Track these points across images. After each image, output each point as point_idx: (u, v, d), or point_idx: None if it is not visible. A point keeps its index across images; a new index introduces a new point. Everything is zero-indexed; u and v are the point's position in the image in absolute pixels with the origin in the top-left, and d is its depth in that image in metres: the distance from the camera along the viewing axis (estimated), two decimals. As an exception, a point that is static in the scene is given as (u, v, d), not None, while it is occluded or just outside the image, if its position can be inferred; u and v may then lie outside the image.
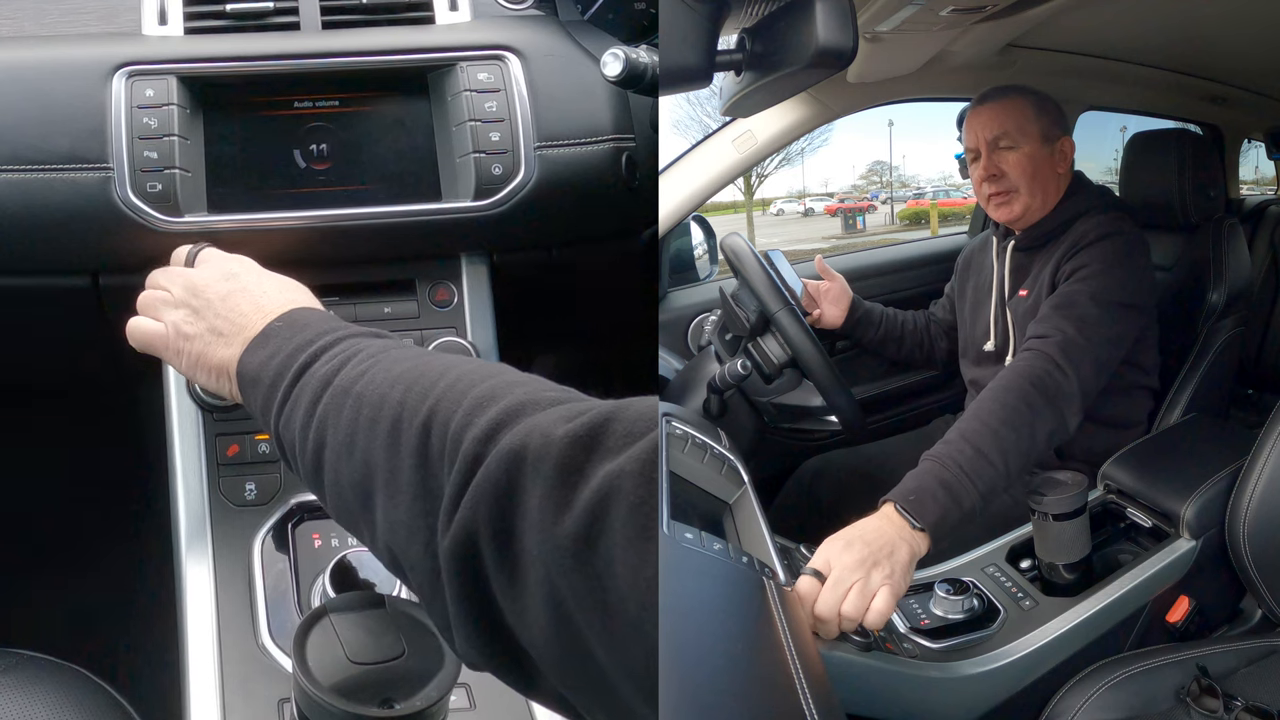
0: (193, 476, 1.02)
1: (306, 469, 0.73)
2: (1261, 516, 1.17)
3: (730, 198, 6.04)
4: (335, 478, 0.70)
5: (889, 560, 0.98)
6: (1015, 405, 1.14)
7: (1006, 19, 1.46)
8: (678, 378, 1.58)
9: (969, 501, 1.05)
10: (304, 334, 0.78)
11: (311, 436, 0.71)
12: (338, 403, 0.70)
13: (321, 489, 0.72)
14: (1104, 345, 1.26)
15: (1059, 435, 1.18)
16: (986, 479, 1.07)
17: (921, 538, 1.02)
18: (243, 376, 0.80)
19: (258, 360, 0.79)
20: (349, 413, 0.69)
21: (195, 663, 0.91)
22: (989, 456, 1.08)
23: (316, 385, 0.73)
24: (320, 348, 0.76)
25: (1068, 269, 1.34)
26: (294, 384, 0.75)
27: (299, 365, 0.75)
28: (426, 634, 0.75)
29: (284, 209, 1.06)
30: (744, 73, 0.79)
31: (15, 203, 1.00)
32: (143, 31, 1.11)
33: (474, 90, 1.09)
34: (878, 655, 1.02)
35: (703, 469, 1.07)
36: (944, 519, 1.03)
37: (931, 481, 1.05)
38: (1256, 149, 2.43)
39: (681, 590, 0.71)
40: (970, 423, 1.12)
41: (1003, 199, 1.43)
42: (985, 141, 1.43)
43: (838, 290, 1.63)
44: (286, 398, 0.75)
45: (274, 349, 0.79)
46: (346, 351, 0.75)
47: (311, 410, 0.72)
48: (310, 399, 0.73)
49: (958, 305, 1.64)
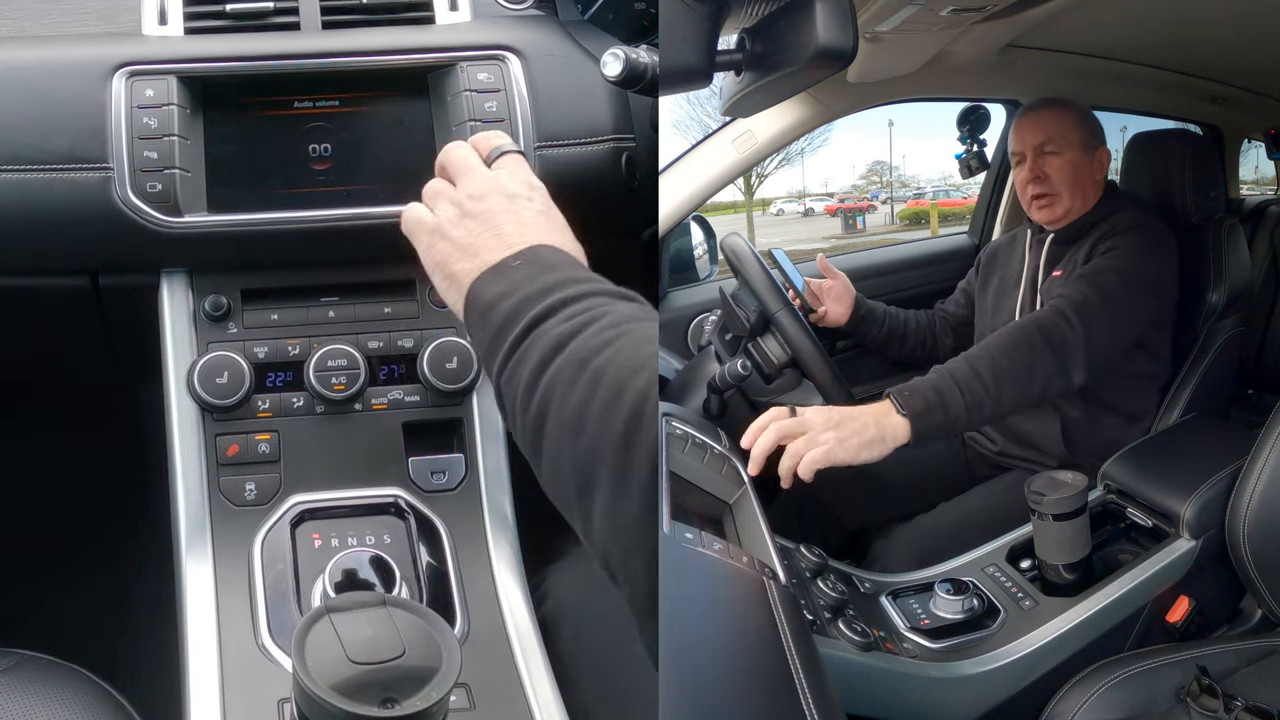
0: (193, 476, 1.02)
1: (525, 435, 0.68)
2: (1261, 516, 1.17)
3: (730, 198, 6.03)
4: (555, 454, 0.65)
5: (851, 430, 1.10)
6: (1018, 342, 1.25)
7: (1006, 19, 1.46)
8: (678, 378, 1.58)
9: (954, 409, 1.16)
10: (545, 278, 0.71)
11: (535, 402, 0.66)
12: (570, 374, 0.64)
13: (538, 460, 0.67)
14: (1120, 316, 1.33)
15: (1057, 384, 1.26)
16: (974, 393, 1.17)
17: (902, 423, 1.13)
18: (471, 307, 0.74)
19: (490, 294, 0.72)
20: (582, 390, 0.63)
21: (195, 663, 0.91)
22: (982, 376, 1.19)
23: (549, 345, 0.67)
24: (560, 300, 0.69)
25: (1101, 249, 1.41)
26: (524, 336, 0.69)
27: (533, 316, 0.69)
28: (426, 634, 0.75)
29: (284, 209, 1.06)
30: (744, 73, 0.79)
31: (15, 203, 1.00)
32: (143, 31, 1.11)
33: (474, 90, 1.09)
34: (878, 655, 1.02)
35: (703, 469, 1.07)
36: (927, 412, 1.14)
37: (926, 384, 1.18)
38: (1256, 149, 2.43)
39: (681, 590, 0.71)
40: (975, 350, 1.24)
41: (1045, 201, 1.51)
42: (1032, 147, 1.51)
43: (840, 288, 1.63)
44: (514, 349, 0.69)
45: (510, 286, 0.72)
46: (590, 312, 0.68)
47: (539, 372, 0.66)
48: (539, 359, 0.67)
49: (978, 298, 1.67)
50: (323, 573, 0.95)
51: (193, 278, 1.06)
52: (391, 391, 1.07)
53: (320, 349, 1.05)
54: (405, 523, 1.01)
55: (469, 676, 0.89)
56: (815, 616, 1.02)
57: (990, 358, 1.21)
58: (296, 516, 1.01)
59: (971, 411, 1.17)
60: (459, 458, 1.06)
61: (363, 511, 1.02)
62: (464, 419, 1.07)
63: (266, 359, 1.05)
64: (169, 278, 1.06)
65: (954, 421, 1.17)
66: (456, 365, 1.07)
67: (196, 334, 1.05)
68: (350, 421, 1.06)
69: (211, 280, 1.06)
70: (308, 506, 1.01)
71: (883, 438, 1.12)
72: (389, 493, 1.03)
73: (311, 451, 1.04)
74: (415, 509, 1.02)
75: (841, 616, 1.04)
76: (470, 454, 1.07)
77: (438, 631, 0.74)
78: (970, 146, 1.92)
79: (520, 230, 0.77)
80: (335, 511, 1.02)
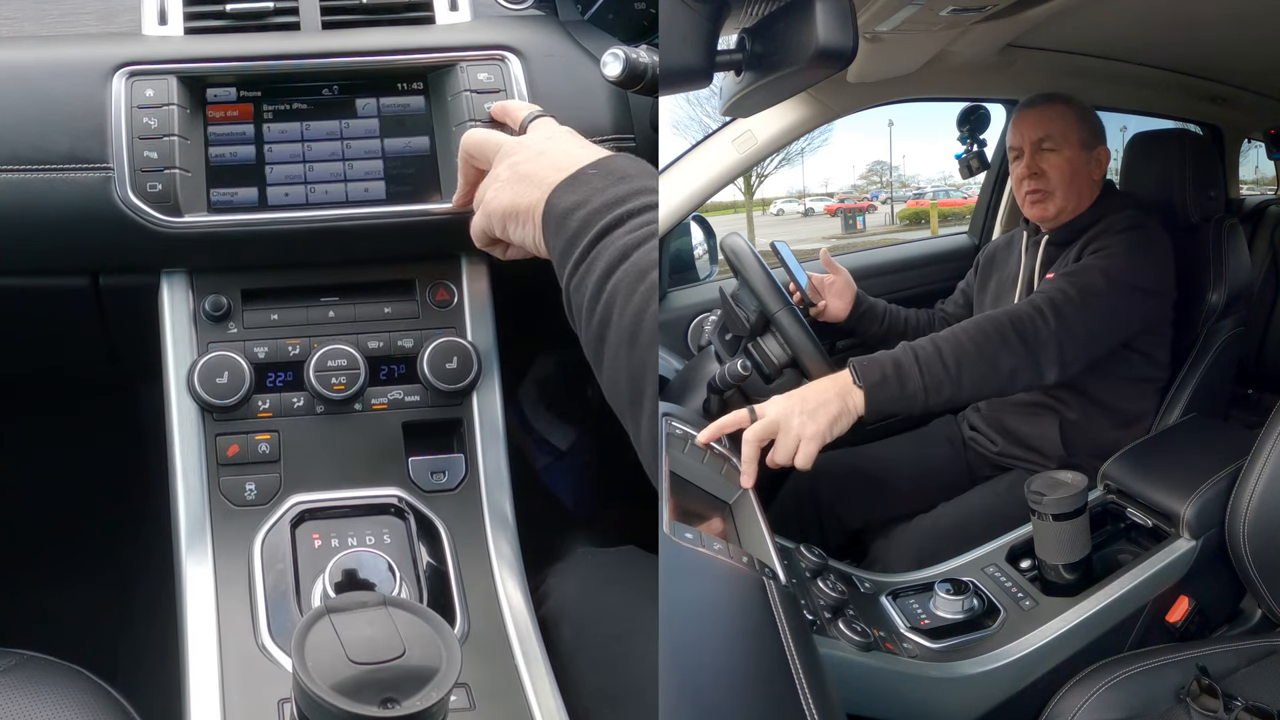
0: (193, 476, 1.02)
1: (589, 342, 0.71)
2: (1261, 516, 1.17)
3: (730, 198, 6.03)
4: (614, 363, 0.68)
5: (821, 408, 1.10)
6: (988, 331, 1.24)
7: (1006, 19, 1.46)
8: (678, 378, 1.58)
9: (912, 386, 1.15)
10: (618, 189, 0.74)
11: (599, 311, 0.69)
12: (630, 284, 0.67)
13: (600, 366, 0.71)
14: (1101, 317, 1.31)
15: (1025, 377, 1.25)
16: (934, 374, 1.17)
17: (859, 395, 1.13)
18: (549, 215, 0.77)
19: (566, 204, 0.76)
20: (640, 299, 0.66)
21: (195, 663, 0.91)
22: (945, 358, 1.18)
23: (615, 254, 0.69)
24: (630, 210, 0.72)
25: (1091, 249, 1.41)
26: (593, 245, 0.71)
27: (603, 225, 0.72)
28: (426, 634, 0.75)
29: (284, 209, 1.06)
30: (744, 73, 0.79)
31: (15, 203, 1.00)
32: (143, 31, 1.11)
33: (474, 90, 1.09)
34: (878, 655, 1.02)
35: (703, 469, 1.07)
36: (883, 385, 1.14)
37: (888, 358, 1.17)
38: (1256, 149, 2.43)
39: (681, 590, 0.71)
40: (944, 333, 1.23)
41: (1039, 197, 1.50)
42: (1030, 142, 1.50)
43: (842, 284, 1.64)
44: (584, 258, 0.71)
45: (584, 196, 0.75)
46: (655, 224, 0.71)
47: (603, 281, 0.69)
48: (605, 268, 0.69)
49: (977, 299, 1.67)
50: (323, 573, 0.95)
51: (193, 278, 1.06)
52: (391, 391, 1.07)
53: (320, 349, 1.05)
54: (405, 523, 1.01)
55: (469, 676, 0.89)
56: (815, 616, 1.02)
57: (957, 341, 1.20)
58: (296, 516, 1.01)
59: (930, 392, 1.16)
60: (459, 458, 1.06)
61: (363, 511, 1.02)
62: (464, 419, 1.07)
63: (266, 359, 1.05)
64: (169, 278, 1.06)
65: (910, 399, 1.16)
66: (456, 365, 1.07)
67: (196, 334, 1.05)
68: (350, 421, 1.06)
69: (211, 280, 1.06)
70: (308, 506, 1.01)
71: (847, 410, 1.12)
72: (389, 493, 1.03)
73: (311, 451, 1.04)
74: (415, 509, 1.02)
75: (841, 616, 1.04)
76: (470, 454, 1.07)
77: (438, 631, 0.74)
78: (970, 146, 1.92)
79: (583, 148, 0.83)
80: (335, 511, 1.01)
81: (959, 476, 1.61)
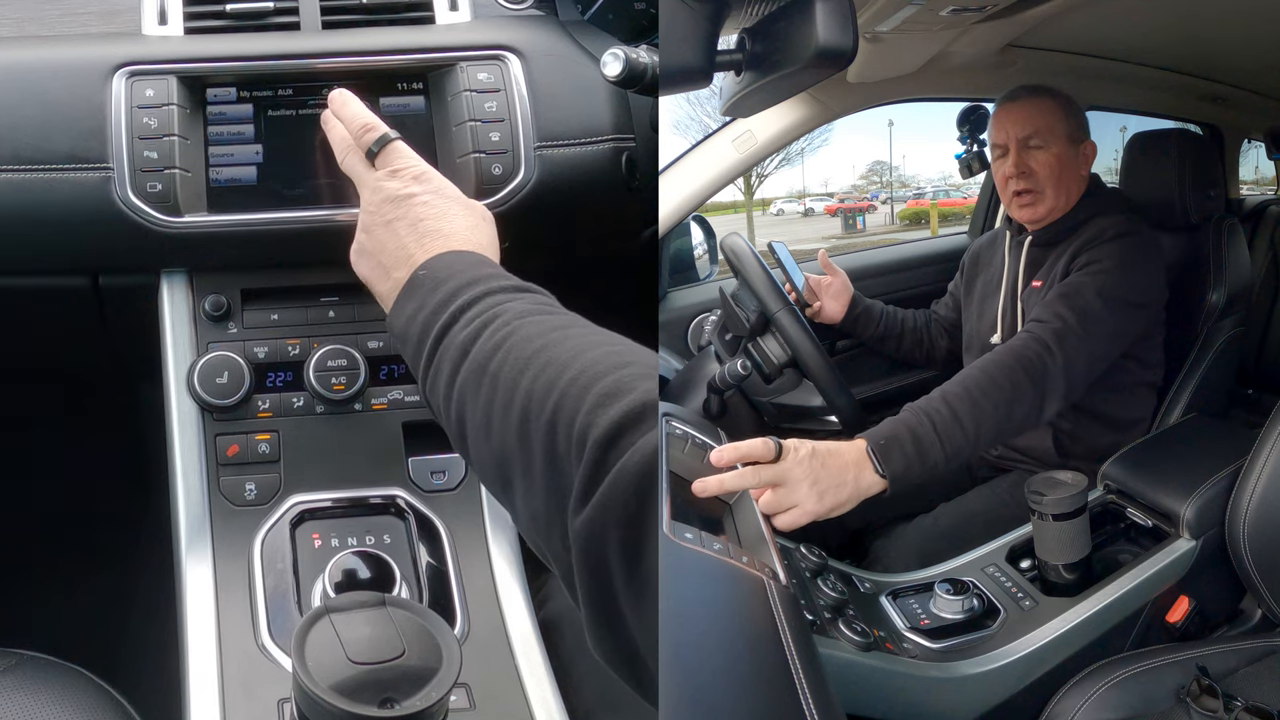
0: (193, 476, 1.02)
1: (453, 438, 0.75)
2: (1261, 516, 1.17)
3: (730, 198, 6.04)
4: (478, 455, 0.71)
5: (830, 484, 1.05)
6: (999, 379, 1.19)
7: (1006, 19, 1.46)
8: (678, 378, 1.58)
9: (933, 459, 1.11)
10: (446, 287, 0.78)
11: (454, 409, 0.72)
12: (475, 380, 0.71)
13: (469, 460, 0.74)
14: (1101, 339, 1.29)
15: (1034, 417, 1.22)
16: (955, 441, 1.12)
17: (880, 483, 1.08)
18: (393, 331, 0.82)
19: (405, 315, 0.80)
20: (485, 393, 0.70)
21: (195, 663, 0.91)
22: (963, 422, 1.13)
23: (456, 353, 0.73)
24: (460, 306, 0.76)
25: (1081, 261, 1.36)
26: (435, 348, 0.75)
27: (439, 327, 0.75)
28: (426, 634, 0.75)
29: (284, 209, 1.06)
30: (744, 73, 0.79)
31: (15, 203, 1.00)
32: (143, 31, 1.11)
33: (474, 90, 1.09)
34: (878, 655, 1.02)
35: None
36: (907, 471, 1.09)
37: (904, 432, 1.11)
38: (1256, 149, 2.43)
39: (681, 590, 0.71)
40: (954, 386, 1.18)
41: (1029, 199, 1.45)
42: (1016, 139, 1.44)
43: (839, 285, 1.63)
44: (430, 362, 0.75)
45: (419, 303, 0.79)
46: (485, 314, 0.74)
47: (451, 381, 0.73)
48: (450, 369, 0.73)
49: (964, 301, 1.65)
50: (323, 573, 0.95)
51: (193, 278, 1.06)
52: (391, 391, 1.07)
53: (320, 349, 1.05)
54: (405, 523, 1.01)
55: (469, 676, 0.88)
56: (815, 616, 1.02)
57: (971, 400, 1.15)
58: (296, 516, 1.01)
59: (951, 459, 1.13)
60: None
61: (363, 511, 1.02)
62: (464, 419, 1.07)
63: (266, 359, 1.05)
64: (169, 278, 1.06)
65: (930, 471, 1.12)
66: (456, 365, 1.07)
67: (196, 334, 1.05)
68: (350, 421, 1.06)
69: (211, 280, 1.06)
70: (308, 506, 1.01)
71: (858, 494, 1.08)
72: (389, 493, 1.03)
73: (311, 451, 1.04)
74: (415, 509, 1.02)
75: (841, 616, 1.04)
76: (470, 454, 1.07)
77: (438, 631, 0.74)
78: (970, 146, 1.92)
79: (418, 238, 0.85)
80: (335, 511, 1.02)
81: (959, 477, 1.61)
